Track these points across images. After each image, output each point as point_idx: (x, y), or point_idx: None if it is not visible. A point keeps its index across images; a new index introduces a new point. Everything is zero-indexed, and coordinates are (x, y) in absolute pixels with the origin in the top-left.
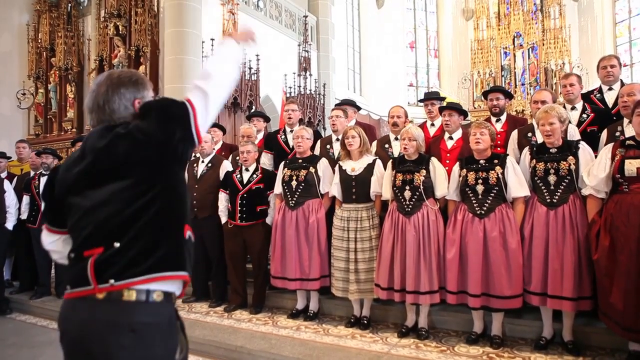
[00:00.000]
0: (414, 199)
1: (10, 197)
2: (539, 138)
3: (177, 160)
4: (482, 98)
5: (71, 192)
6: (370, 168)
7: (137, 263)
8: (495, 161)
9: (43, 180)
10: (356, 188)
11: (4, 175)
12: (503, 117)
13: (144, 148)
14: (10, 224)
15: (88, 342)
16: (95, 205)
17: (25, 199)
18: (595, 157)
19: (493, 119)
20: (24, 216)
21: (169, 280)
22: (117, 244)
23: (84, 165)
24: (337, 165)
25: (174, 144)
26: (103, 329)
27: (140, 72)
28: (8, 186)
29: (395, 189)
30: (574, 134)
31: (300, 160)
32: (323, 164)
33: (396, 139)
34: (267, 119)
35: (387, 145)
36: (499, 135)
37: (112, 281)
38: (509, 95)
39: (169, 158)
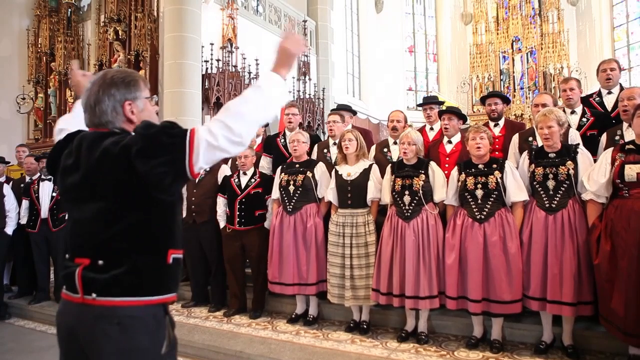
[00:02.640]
0: (413, 204)
1: (10, 202)
2: (540, 142)
3: (160, 190)
4: (481, 103)
5: (66, 198)
6: (366, 173)
7: (118, 284)
8: (494, 166)
9: (42, 185)
10: (352, 193)
11: (2, 179)
12: (501, 122)
13: (124, 175)
14: (10, 229)
15: (78, 332)
16: (81, 219)
17: (25, 203)
18: (595, 160)
19: (491, 124)
20: (23, 221)
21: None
22: (100, 262)
23: (76, 179)
24: (334, 170)
25: (156, 176)
26: (91, 321)
27: (138, 73)
28: (8, 190)
29: (394, 193)
30: (575, 138)
31: (297, 165)
32: (320, 169)
33: (395, 143)
34: (265, 124)
35: (385, 150)
36: (496, 140)
37: (94, 295)
38: (506, 100)
39: (148, 188)
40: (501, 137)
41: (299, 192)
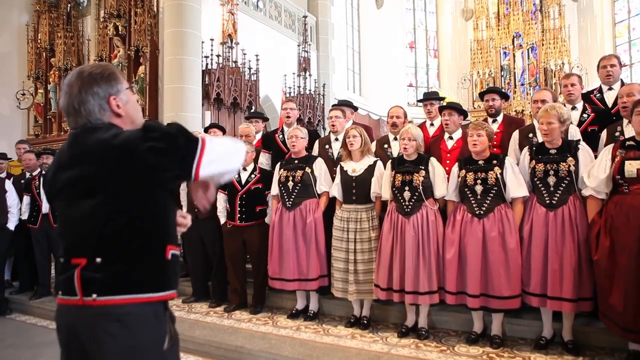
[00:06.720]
0: (413, 200)
1: (11, 197)
2: (540, 138)
3: (158, 186)
4: (479, 98)
5: (59, 197)
6: (371, 169)
7: (118, 281)
8: (494, 161)
9: (43, 180)
10: (356, 189)
11: (3, 175)
12: (499, 118)
13: (124, 167)
14: (12, 224)
15: (78, 332)
16: (77, 217)
17: (26, 199)
18: (595, 157)
19: (489, 120)
20: (24, 216)
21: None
22: (98, 259)
23: (71, 175)
24: (339, 166)
25: (161, 172)
26: (91, 320)
27: (112, 64)
28: (9, 186)
29: (394, 189)
30: (574, 134)
31: (296, 161)
32: (319, 164)
33: (395, 139)
34: (265, 119)
35: (386, 146)
36: (495, 136)
37: (94, 296)
38: (504, 96)
39: (149, 183)
40: (499, 133)
41: (298, 187)
